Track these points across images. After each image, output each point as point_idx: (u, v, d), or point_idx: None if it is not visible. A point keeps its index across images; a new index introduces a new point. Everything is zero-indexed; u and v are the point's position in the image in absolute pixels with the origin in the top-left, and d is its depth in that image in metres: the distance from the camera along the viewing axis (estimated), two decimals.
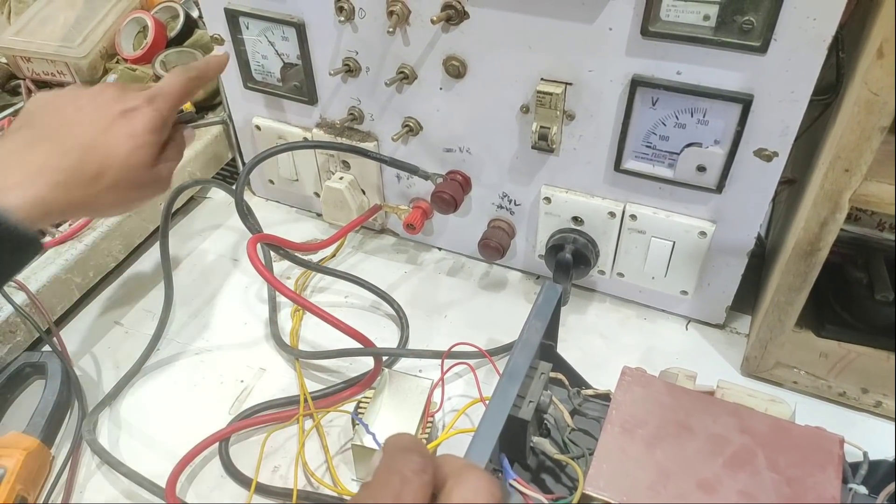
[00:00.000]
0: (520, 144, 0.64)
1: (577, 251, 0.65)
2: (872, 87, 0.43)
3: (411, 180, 0.73)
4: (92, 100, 0.50)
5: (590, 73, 0.57)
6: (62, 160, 0.46)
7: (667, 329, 0.69)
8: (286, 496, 0.55)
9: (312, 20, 0.66)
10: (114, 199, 0.50)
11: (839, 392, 0.60)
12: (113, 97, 0.51)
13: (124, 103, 0.50)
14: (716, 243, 0.61)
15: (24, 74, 0.93)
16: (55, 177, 0.45)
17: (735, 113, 0.53)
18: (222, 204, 0.86)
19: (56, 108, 0.50)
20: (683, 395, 0.49)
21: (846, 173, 0.47)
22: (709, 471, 0.44)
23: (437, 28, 0.60)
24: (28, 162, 0.45)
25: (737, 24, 0.49)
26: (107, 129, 0.49)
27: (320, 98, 0.72)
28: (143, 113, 0.50)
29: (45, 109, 0.50)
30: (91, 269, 0.73)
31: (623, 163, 0.60)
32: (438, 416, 0.60)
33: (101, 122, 0.49)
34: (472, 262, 0.77)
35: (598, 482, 0.44)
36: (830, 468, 0.44)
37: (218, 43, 0.73)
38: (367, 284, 0.73)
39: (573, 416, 0.51)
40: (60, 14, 0.92)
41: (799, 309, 0.57)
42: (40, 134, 0.48)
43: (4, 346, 0.64)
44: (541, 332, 0.51)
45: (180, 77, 0.55)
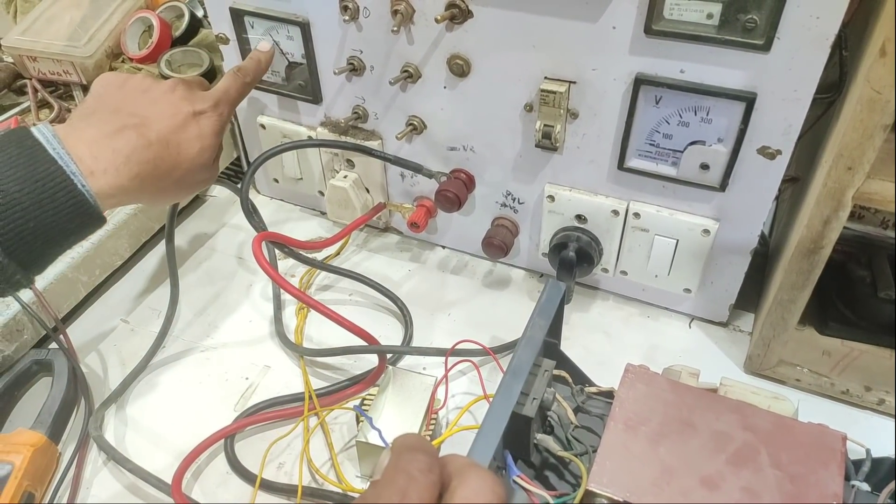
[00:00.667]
0: (523, 143, 0.64)
1: (581, 249, 0.65)
2: (875, 86, 0.43)
3: (415, 179, 0.73)
4: (165, 95, 0.52)
5: (593, 71, 0.57)
6: (145, 152, 0.48)
7: (670, 327, 0.69)
8: (291, 493, 0.55)
9: (317, 19, 0.66)
10: (175, 193, 0.54)
11: (842, 390, 0.60)
12: (184, 96, 0.53)
13: (194, 104, 0.53)
14: (719, 241, 0.62)
15: (30, 74, 0.93)
16: (138, 168, 0.47)
17: (738, 111, 0.53)
18: (227, 202, 0.87)
19: (130, 96, 0.52)
20: (686, 392, 0.49)
21: (849, 171, 0.48)
22: (712, 468, 0.44)
23: (442, 27, 0.60)
24: (116, 150, 0.46)
25: (740, 22, 0.49)
26: (181, 127, 0.51)
27: (325, 97, 0.72)
28: (210, 117, 0.53)
29: (119, 94, 0.51)
30: (97, 268, 0.73)
31: (626, 161, 0.60)
32: (442, 413, 0.60)
33: (176, 120, 0.51)
34: (475, 260, 0.78)
35: (602, 479, 0.44)
36: (833, 465, 0.44)
37: (223, 42, 0.73)
38: (372, 282, 0.74)
39: (577, 413, 0.51)
40: (66, 13, 0.93)
41: (802, 307, 0.57)
42: (123, 121, 0.49)
43: (11, 344, 0.65)
44: (544, 330, 0.51)
45: (238, 81, 0.58)
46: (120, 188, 0.46)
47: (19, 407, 0.64)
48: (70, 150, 0.44)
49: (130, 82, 0.53)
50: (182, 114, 0.51)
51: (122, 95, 0.51)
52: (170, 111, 0.51)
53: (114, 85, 0.52)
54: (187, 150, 0.51)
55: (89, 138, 0.46)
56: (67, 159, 0.44)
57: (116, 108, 0.50)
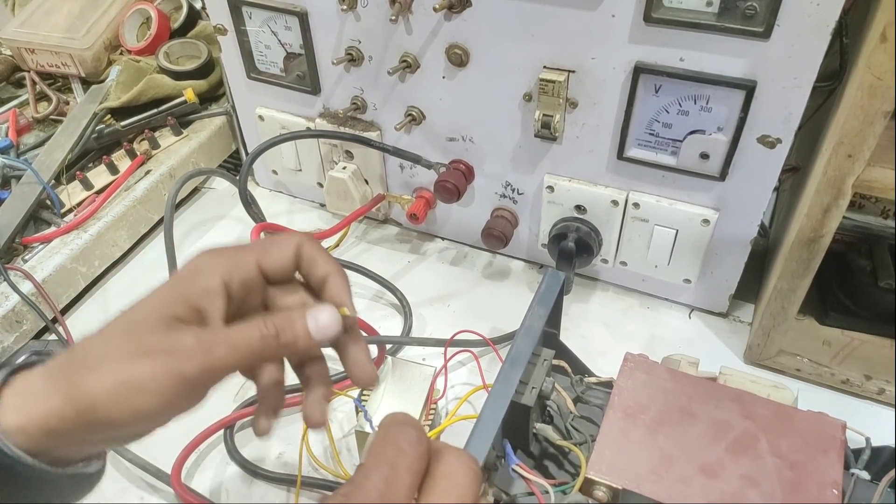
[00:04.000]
0: (522, 133, 0.64)
1: (580, 240, 0.65)
2: (876, 72, 0.43)
3: (414, 170, 0.73)
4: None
5: (593, 60, 0.57)
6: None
7: (670, 317, 0.69)
8: (290, 482, 0.55)
9: (315, 9, 0.66)
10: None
11: (842, 379, 0.60)
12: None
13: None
14: (719, 231, 0.61)
15: (28, 66, 0.93)
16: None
17: (738, 100, 0.53)
18: (226, 194, 0.87)
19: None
20: (686, 380, 0.49)
21: (849, 159, 0.47)
22: (711, 455, 0.44)
23: (440, 16, 0.60)
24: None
25: (740, 9, 0.49)
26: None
27: (323, 88, 0.72)
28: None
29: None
30: (96, 259, 0.73)
31: (626, 151, 0.60)
32: (441, 403, 0.60)
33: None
34: (475, 251, 0.77)
35: (601, 466, 0.44)
36: (833, 453, 0.44)
37: (221, 33, 0.73)
38: (371, 274, 0.73)
39: (576, 403, 0.51)
40: (64, 5, 0.93)
41: (802, 296, 0.57)
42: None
43: (11, 335, 0.65)
44: (543, 319, 0.51)
45: (266, 343, 0.37)
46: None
47: None
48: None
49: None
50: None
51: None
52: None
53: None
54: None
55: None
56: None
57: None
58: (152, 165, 0.80)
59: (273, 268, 0.39)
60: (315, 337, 0.36)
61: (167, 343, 0.34)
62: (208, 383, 0.35)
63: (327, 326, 0.37)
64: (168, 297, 0.36)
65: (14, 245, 0.71)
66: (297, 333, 0.36)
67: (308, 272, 0.39)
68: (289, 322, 0.36)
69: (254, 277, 0.38)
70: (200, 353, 0.34)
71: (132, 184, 0.78)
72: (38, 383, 0.34)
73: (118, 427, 0.34)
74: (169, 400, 0.34)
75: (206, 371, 0.34)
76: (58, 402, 0.33)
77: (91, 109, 0.83)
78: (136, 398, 0.33)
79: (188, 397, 0.35)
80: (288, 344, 0.36)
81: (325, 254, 0.40)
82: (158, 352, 0.33)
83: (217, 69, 0.88)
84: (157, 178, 0.79)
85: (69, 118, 0.83)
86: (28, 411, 0.33)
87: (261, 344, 0.35)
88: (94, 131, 0.82)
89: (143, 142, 0.83)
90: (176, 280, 0.37)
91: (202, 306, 0.36)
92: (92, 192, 0.77)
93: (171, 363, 0.33)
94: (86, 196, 0.77)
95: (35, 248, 0.71)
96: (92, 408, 0.33)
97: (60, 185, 0.78)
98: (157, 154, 0.82)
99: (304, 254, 0.39)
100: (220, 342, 0.35)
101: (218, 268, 0.37)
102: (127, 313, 0.36)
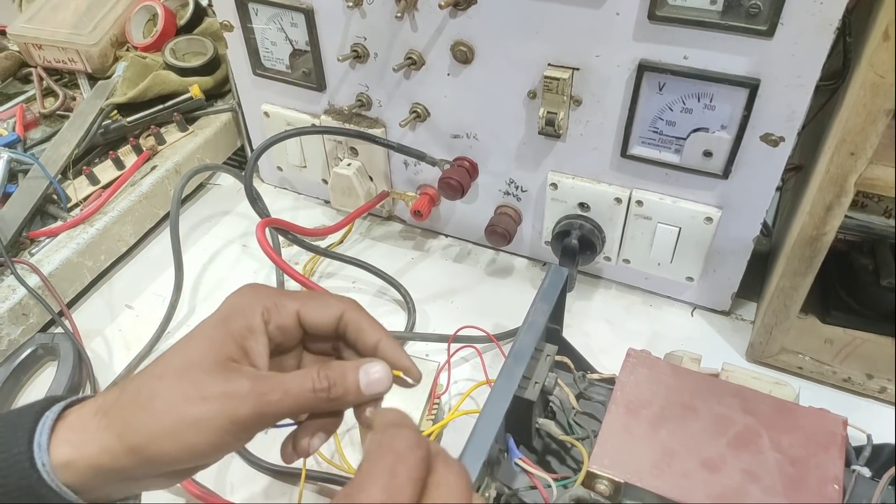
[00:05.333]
0: (527, 130, 0.65)
1: (584, 237, 0.66)
2: (878, 70, 0.43)
3: (419, 167, 0.74)
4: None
5: (597, 58, 0.57)
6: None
7: (672, 315, 0.69)
8: (295, 475, 0.56)
9: (321, 6, 0.66)
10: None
11: (844, 378, 0.60)
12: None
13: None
14: (722, 229, 0.62)
15: (35, 62, 0.94)
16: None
17: (742, 98, 0.53)
18: (231, 190, 0.87)
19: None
20: (688, 376, 0.49)
21: (852, 157, 0.48)
22: (713, 450, 0.44)
23: (445, 13, 0.60)
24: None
25: (743, 7, 0.49)
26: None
27: (328, 84, 0.72)
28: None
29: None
30: (102, 253, 0.74)
31: (630, 148, 0.60)
32: (445, 398, 0.60)
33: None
34: (478, 248, 0.78)
35: (603, 461, 0.44)
36: (834, 449, 0.44)
37: (227, 30, 0.73)
38: (375, 270, 0.74)
39: (579, 399, 0.52)
40: (71, 2, 0.93)
41: (804, 294, 0.57)
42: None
43: (18, 328, 0.65)
44: (546, 315, 0.51)
45: (317, 396, 0.37)
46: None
47: (25, 391, 0.64)
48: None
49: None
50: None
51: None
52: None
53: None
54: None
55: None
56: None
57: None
58: (158, 161, 0.81)
59: (312, 323, 0.39)
60: (365, 392, 0.37)
61: (223, 387, 0.34)
62: (259, 426, 0.35)
63: (379, 382, 0.37)
64: (218, 337, 0.36)
65: (21, 239, 0.72)
66: (348, 388, 0.36)
67: (356, 338, 0.39)
68: (341, 376, 0.36)
69: (292, 325, 0.38)
70: (254, 398, 0.34)
71: (138, 179, 0.78)
72: (91, 420, 0.35)
73: (170, 464, 0.34)
74: (222, 439, 0.34)
75: (259, 416, 0.35)
76: (110, 439, 0.34)
77: (97, 105, 0.84)
78: (191, 436, 0.34)
79: (239, 438, 0.35)
80: (338, 398, 0.36)
81: (371, 320, 0.39)
82: (215, 396, 0.34)
83: (223, 66, 0.89)
84: (162, 173, 0.79)
85: (76, 114, 0.84)
86: (79, 447, 0.34)
87: (313, 396, 0.36)
88: (100, 127, 0.82)
89: (149, 137, 0.83)
90: (222, 319, 0.37)
91: (247, 346, 0.36)
92: (98, 186, 0.78)
93: (227, 407, 0.34)
94: (92, 191, 0.77)
95: (42, 242, 0.72)
96: (146, 445, 0.34)
97: (67, 180, 0.78)
98: (162, 150, 0.83)
99: (350, 320, 0.39)
100: (274, 389, 0.35)
101: (258, 307, 0.37)
102: (180, 352, 0.36)
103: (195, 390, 0.34)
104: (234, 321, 0.37)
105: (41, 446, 0.33)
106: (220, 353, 0.35)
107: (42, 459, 0.33)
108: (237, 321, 0.37)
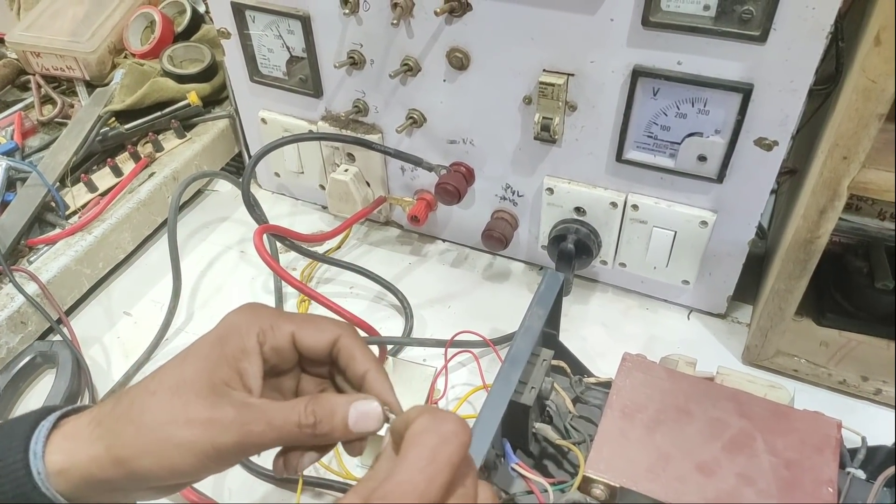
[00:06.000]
0: (522, 135, 0.65)
1: (580, 241, 0.66)
2: (870, 75, 0.44)
3: (415, 172, 0.74)
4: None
5: (592, 63, 0.57)
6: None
7: (669, 319, 0.70)
8: (293, 481, 0.56)
9: (318, 13, 0.66)
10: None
11: (839, 380, 0.60)
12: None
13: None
14: (717, 233, 0.62)
15: (33, 70, 0.94)
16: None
17: (735, 102, 0.54)
18: (229, 197, 0.87)
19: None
20: (683, 380, 0.49)
21: (844, 161, 0.48)
22: (708, 454, 0.45)
23: (441, 20, 0.61)
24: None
25: (736, 13, 0.50)
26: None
27: (325, 91, 0.72)
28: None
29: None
30: (100, 261, 0.74)
31: (625, 153, 0.61)
32: (442, 403, 0.61)
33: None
34: (475, 253, 0.78)
35: (599, 465, 0.44)
36: (828, 451, 0.44)
37: (224, 37, 0.74)
38: (372, 275, 0.74)
39: (575, 403, 0.52)
40: (69, 9, 0.93)
41: (799, 297, 0.57)
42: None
43: (16, 336, 0.65)
44: (542, 319, 0.52)
45: (301, 431, 0.37)
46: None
47: (23, 398, 0.64)
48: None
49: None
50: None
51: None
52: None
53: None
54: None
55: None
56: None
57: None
58: (156, 168, 0.81)
59: (306, 346, 0.39)
60: (353, 430, 0.36)
61: (209, 413, 0.34)
62: (241, 455, 0.35)
63: (368, 421, 0.36)
64: (212, 357, 0.36)
65: (19, 247, 0.72)
66: (335, 426, 0.36)
67: (346, 365, 0.39)
68: (329, 413, 0.36)
69: (287, 348, 0.38)
70: (237, 427, 0.34)
71: (136, 186, 0.79)
72: (84, 429, 0.35)
73: (152, 480, 0.35)
74: (203, 463, 0.34)
75: (240, 446, 0.34)
76: (100, 450, 0.34)
77: (95, 112, 0.84)
78: (174, 457, 0.34)
79: (221, 463, 0.35)
80: (324, 434, 0.36)
81: (364, 348, 0.39)
82: (200, 421, 0.34)
83: (220, 72, 0.89)
84: (160, 180, 0.80)
85: (74, 121, 0.84)
86: (72, 455, 0.34)
87: (297, 431, 0.35)
88: (98, 134, 0.82)
89: (147, 144, 0.83)
90: (218, 338, 0.37)
91: (241, 367, 0.36)
92: (96, 194, 0.78)
93: (210, 433, 0.34)
94: (90, 198, 0.77)
95: (40, 249, 0.72)
96: (130, 459, 0.34)
97: (65, 188, 0.79)
98: (160, 157, 0.83)
99: (343, 346, 0.39)
100: (258, 420, 0.35)
101: (254, 328, 0.38)
102: (175, 369, 0.36)
103: (182, 412, 0.34)
104: (230, 342, 0.37)
105: (36, 454, 0.34)
106: (212, 375, 0.35)
107: (37, 467, 0.34)
108: (232, 342, 0.37)
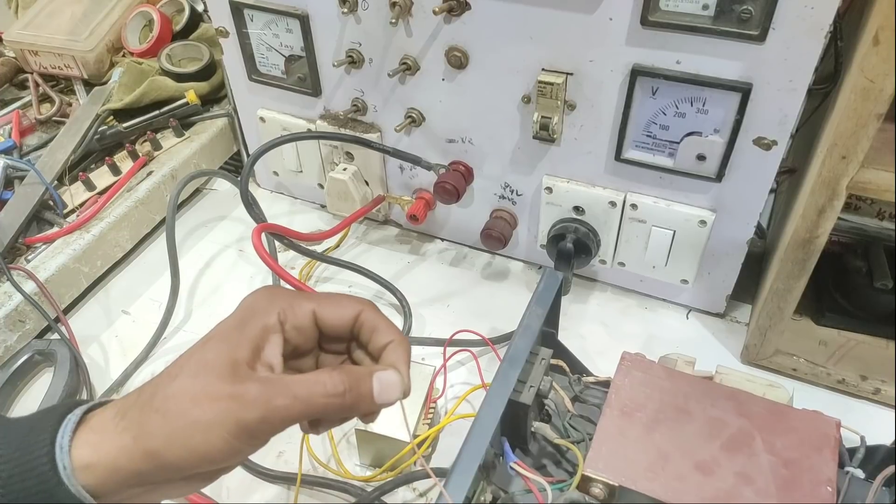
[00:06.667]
0: (521, 135, 0.65)
1: (579, 240, 0.66)
2: (868, 75, 0.44)
3: (414, 171, 0.74)
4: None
5: (590, 63, 0.57)
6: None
7: (667, 318, 0.70)
8: (291, 480, 0.56)
9: (316, 12, 0.66)
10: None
11: (838, 379, 0.60)
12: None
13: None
14: (716, 232, 0.62)
15: (31, 68, 0.94)
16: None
17: (734, 102, 0.54)
18: (227, 195, 0.87)
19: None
20: (682, 379, 0.49)
21: (843, 160, 0.48)
22: (706, 453, 0.45)
23: (440, 19, 0.61)
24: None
25: (735, 12, 0.50)
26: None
27: (324, 90, 0.72)
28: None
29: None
30: (99, 259, 0.74)
31: (623, 152, 0.61)
32: (441, 402, 0.61)
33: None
34: (474, 252, 0.78)
35: (598, 464, 0.44)
36: (827, 451, 0.44)
37: (223, 36, 0.74)
38: (371, 274, 0.74)
39: (574, 402, 0.52)
40: (67, 8, 0.93)
41: (798, 296, 0.57)
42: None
43: (14, 334, 0.65)
44: (541, 318, 0.51)
45: (331, 400, 0.37)
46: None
47: (21, 397, 0.64)
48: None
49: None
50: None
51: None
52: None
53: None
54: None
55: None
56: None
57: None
58: (154, 167, 0.81)
59: (328, 323, 0.38)
60: (377, 401, 0.36)
61: (233, 390, 0.34)
62: (268, 432, 0.35)
63: (391, 391, 0.36)
64: (233, 339, 0.36)
65: (17, 245, 0.72)
66: (362, 394, 0.35)
67: (369, 339, 0.39)
68: (356, 382, 0.35)
69: (308, 326, 0.38)
70: (262, 402, 0.34)
71: (134, 185, 0.78)
72: (110, 422, 0.34)
73: (180, 469, 0.34)
74: (230, 444, 0.33)
75: (266, 422, 0.34)
76: (126, 440, 0.34)
77: (94, 111, 0.84)
78: (199, 440, 0.33)
79: (249, 444, 0.34)
80: (351, 405, 0.35)
81: (387, 321, 0.39)
82: (223, 398, 0.33)
83: (219, 71, 0.89)
84: (158, 179, 0.79)
85: (72, 120, 0.84)
86: (98, 448, 0.34)
87: (324, 401, 0.35)
88: (96, 133, 0.82)
89: (145, 143, 0.83)
90: (238, 320, 0.37)
91: (263, 347, 0.36)
92: (94, 192, 0.78)
93: (233, 410, 0.33)
94: (88, 197, 0.77)
95: (38, 248, 0.72)
96: (157, 447, 0.33)
97: (63, 186, 0.79)
98: (158, 155, 0.83)
99: (366, 320, 0.39)
100: (282, 394, 0.34)
101: (274, 307, 0.37)
102: (196, 354, 0.36)
103: (205, 392, 0.34)
104: (251, 323, 0.37)
105: (63, 448, 0.33)
106: (234, 356, 0.35)
107: (63, 461, 0.33)
108: (254, 323, 0.37)
